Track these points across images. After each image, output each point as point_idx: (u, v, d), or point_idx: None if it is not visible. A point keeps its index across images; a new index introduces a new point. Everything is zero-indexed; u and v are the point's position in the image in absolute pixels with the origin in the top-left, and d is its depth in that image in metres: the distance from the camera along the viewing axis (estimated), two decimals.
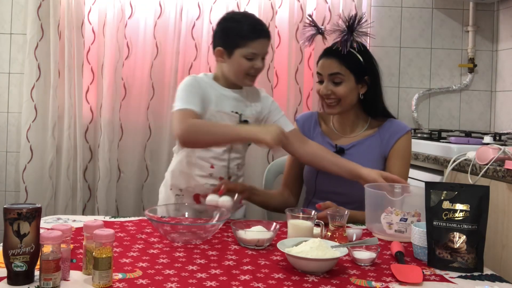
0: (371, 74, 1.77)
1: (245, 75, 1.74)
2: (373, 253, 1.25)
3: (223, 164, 1.78)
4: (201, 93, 1.71)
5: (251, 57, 1.71)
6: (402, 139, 1.77)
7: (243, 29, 1.72)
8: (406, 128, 1.80)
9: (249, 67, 1.72)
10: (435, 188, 1.29)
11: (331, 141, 1.82)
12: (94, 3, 2.76)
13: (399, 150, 1.77)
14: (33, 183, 2.72)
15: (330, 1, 2.78)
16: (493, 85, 2.95)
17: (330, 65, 1.73)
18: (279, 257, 1.28)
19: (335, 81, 1.73)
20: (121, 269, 1.14)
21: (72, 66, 2.71)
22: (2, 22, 2.81)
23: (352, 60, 1.73)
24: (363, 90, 1.77)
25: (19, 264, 1.03)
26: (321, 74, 1.76)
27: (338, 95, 1.73)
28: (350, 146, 1.79)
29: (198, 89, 1.72)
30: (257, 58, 1.72)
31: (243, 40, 1.70)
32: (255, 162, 2.74)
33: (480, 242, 1.24)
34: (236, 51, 1.71)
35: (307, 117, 1.93)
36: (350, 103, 1.77)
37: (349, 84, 1.73)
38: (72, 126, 2.72)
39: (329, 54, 1.75)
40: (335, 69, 1.72)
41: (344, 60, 1.72)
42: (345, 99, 1.74)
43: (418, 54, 2.94)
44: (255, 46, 1.71)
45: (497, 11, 2.92)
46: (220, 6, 2.76)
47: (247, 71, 1.72)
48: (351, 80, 1.73)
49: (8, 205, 1.04)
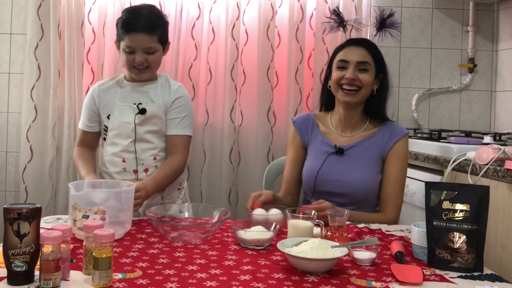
0: (384, 73, 1.82)
1: (130, 67, 1.86)
2: (373, 253, 1.25)
3: (133, 156, 1.88)
4: (94, 104, 1.92)
5: (129, 51, 1.82)
6: (400, 142, 1.78)
7: (120, 21, 1.84)
8: (404, 131, 1.81)
9: (131, 60, 1.83)
10: (435, 188, 1.29)
11: (330, 142, 1.82)
12: (94, 3, 2.76)
13: (397, 153, 1.78)
14: (33, 183, 2.72)
15: (330, 1, 2.78)
16: (493, 85, 2.95)
17: (359, 53, 1.76)
18: (279, 257, 1.28)
19: (362, 68, 1.75)
20: (121, 269, 1.14)
21: (72, 66, 2.71)
22: (2, 22, 2.81)
23: (377, 53, 1.80)
24: (376, 86, 1.80)
25: (19, 264, 1.03)
26: (347, 61, 1.76)
27: (363, 82, 1.75)
28: (350, 147, 1.79)
29: (91, 103, 1.93)
30: (136, 52, 1.81)
31: (122, 33, 1.82)
32: (255, 162, 2.75)
33: (480, 242, 1.24)
34: (121, 44, 1.85)
35: (304, 119, 1.93)
36: (367, 94, 1.79)
37: (372, 75, 1.77)
38: (72, 126, 2.72)
39: (357, 43, 1.80)
40: (364, 58, 1.76)
41: (372, 51, 1.78)
42: (366, 88, 1.77)
43: (418, 54, 2.94)
44: (129, 39, 1.80)
45: (497, 11, 2.92)
46: (220, 6, 2.76)
47: (129, 63, 1.84)
48: (372, 72, 1.78)
49: (8, 205, 1.04)
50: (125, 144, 1.88)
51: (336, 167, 1.77)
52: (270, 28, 2.74)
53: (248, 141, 2.80)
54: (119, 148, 1.88)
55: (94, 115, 1.93)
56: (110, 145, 1.90)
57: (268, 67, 2.74)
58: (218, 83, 2.76)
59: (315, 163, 1.81)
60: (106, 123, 1.91)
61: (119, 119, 1.88)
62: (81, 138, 1.97)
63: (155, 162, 1.91)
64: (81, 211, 1.35)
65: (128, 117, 1.87)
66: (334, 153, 1.79)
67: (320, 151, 1.83)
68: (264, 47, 2.73)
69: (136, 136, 1.88)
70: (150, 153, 1.90)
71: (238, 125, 2.80)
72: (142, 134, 1.88)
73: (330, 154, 1.80)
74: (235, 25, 2.73)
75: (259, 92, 2.75)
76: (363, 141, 1.79)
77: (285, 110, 2.79)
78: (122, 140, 1.88)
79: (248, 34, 2.79)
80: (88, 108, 1.94)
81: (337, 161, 1.78)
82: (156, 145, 1.91)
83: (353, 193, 1.72)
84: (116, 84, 1.94)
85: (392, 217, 1.75)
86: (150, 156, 1.90)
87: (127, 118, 1.88)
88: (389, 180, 1.76)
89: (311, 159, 1.85)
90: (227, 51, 2.73)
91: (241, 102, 2.80)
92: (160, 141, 1.93)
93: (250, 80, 2.79)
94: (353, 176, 1.74)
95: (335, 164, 1.78)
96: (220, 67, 2.76)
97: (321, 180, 1.78)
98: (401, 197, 1.78)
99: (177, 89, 1.95)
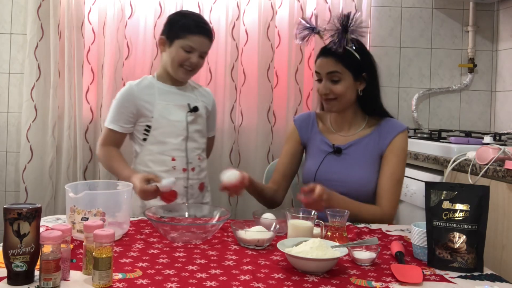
0: (368, 71, 1.77)
1: (179, 66, 1.87)
2: (373, 253, 1.25)
3: (183, 155, 1.88)
4: (133, 104, 1.87)
5: (188, 50, 1.84)
6: (398, 137, 1.77)
7: (186, 22, 1.86)
8: (403, 126, 1.80)
9: (184, 59, 1.85)
10: (435, 188, 1.29)
11: (328, 141, 1.83)
12: (94, 3, 2.76)
13: (395, 148, 1.76)
14: (33, 183, 2.72)
15: (330, 1, 2.78)
16: (493, 85, 2.95)
17: (327, 63, 1.73)
18: (279, 257, 1.28)
19: (333, 79, 1.73)
20: (121, 269, 1.14)
21: (72, 66, 2.71)
22: (2, 22, 2.81)
23: (349, 57, 1.73)
24: (362, 87, 1.77)
25: (19, 264, 1.03)
26: (319, 73, 1.76)
27: (336, 93, 1.73)
28: (348, 146, 1.79)
29: (129, 102, 1.88)
30: (194, 53, 1.85)
31: (184, 32, 1.83)
32: (255, 162, 2.75)
33: (480, 242, 1.24)
34: (176, 42, 1.85)
35: (305, 118, 1.93)
36: (349, 100, 1.77)
37: (347, 82, 1.74)
38: (72, 126, 2.72)
39: (326, 53, 1.75)
40: (332, 68, 1.72)
41: (341, 58, 1.72)
42: (344, 97, 1.75)
43: (418, 54, 2.94)
44: (193, 40, 1.84)
45: (497, 11, 2.92)
46: (220, 6, 2.76)
47: (181, 62, 1.85)
48: (348, 78, 1.74)
49: (8, 205, 1.04)
50: (176, 142, 1.87)
51: (334, 167, 1.77)
52: (270, 28, 2.74)
53: (248, 141, 2.80)
54: (169, 147, 1.87)
55: (131, 116, 1.88)
56: (156, 144, 1.87)
57: (268, 67, 2.74)
58: (218, 83, 2.76)
59: (313, 163, 1.81)
60: (146, 122, 1.88)
61: (166, 118, 1.86)
62: (112, 138, 1.91)
63: (199, 162, 1.93)
64: (80, 214, 1.34)
65: (177, 115, 1.87)
66: (332, 153, 1.79)
67: (319, 150, 1.83)
68: (264, 47, 2.74)
69: (187, 135, 1.88)
70: (196, 153, 1.92)
71: (238, 125, 2.80)
72: (192, 133, 1.90)
73: (328, 154, 1.80)
74: (235, 25, 2.73)
75: (259, 92, 2.75)
76: (361, 140, 1.79)
77: (285, 110, 2.79)
78: (172, 139, 1.87)
79: (248, 34, 2.79)
80: (125, 109, 1.88)
81: (335, 160, 1.79)
82: (200, 145, 1.95)
83: (352, 192, 1.72)
84: (151, 85, 1.91)
85: (387, 211, 1.71)
86: (196, 155, 1.92)
87: (177, 116, 1.87)
88: (385, 174, 1.74)
89: (310, 159, 1.85)
90: (227, 51, 2.73)
91: (241, 102, 2.80)
92: (203, 141, 1.97)
93: (250, 80, 2.79)
94: (351, 175, 1.74)
95: (333, 164, 1.78)
96: (220, 67, 2.76)
97: (320, 179, 1.77)
98: (398, 192, 1.75)
99: (210, 92, 2.08)
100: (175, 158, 1.87)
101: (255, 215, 1.52)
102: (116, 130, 1.89)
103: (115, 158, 1.89)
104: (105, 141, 1.92)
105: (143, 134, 1.90)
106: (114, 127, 1.89)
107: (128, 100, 1.88)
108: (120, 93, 1.92)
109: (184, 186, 1.89)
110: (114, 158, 1.89)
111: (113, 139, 1.92)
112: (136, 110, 1.88)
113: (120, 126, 1.89)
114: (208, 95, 2.05)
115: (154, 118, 1.86)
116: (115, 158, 1.89)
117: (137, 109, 1.88)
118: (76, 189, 1.41)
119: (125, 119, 1.89)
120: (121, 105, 1.89)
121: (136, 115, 1.88)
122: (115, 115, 1.90)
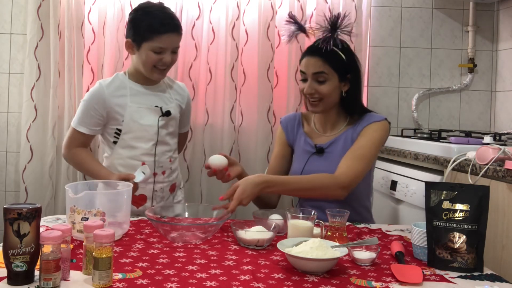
0: (353, 72, 1.77)
1: (152, 68, 1.80)
2: (373, 253, 1.25)
3: (153, 159, 1.85)
4: (103, 107, 1.81)
5: (159, 51, 1.77)
6: (372, 124, 1.74)
7: (150, 22, 1.76)
8: (380, 117, 1.78)
9: (157, 60, 1.78)
10: (435, 188, 1.29)
11: (311, 141, 1.83)
12: (94, 3, 2.76)
13: (366, 131, 1.73)
14: (33, 183, 2.72)
15: (330, 1, 2.78)
16: (493, 85, 2.95)
17: (314, 63, 1.72)
18: (279, 257, 1.28)
19: (319, 79, 1.72)
20: (121, 269, 1.14)
21: (72, 66, 2.71)
22: (2, 22, 2.80)
23: (336, 58, 1.72)
24: (346, 88, 1.77)
25: (19, 264, 1.03)
26: (305, 72, 1.75)
27: (322, 93, 1.73)
28: (329, 144, 1.79)
29: (99, 105, 1.81)
30: (165, 52, 1.78)
31: (150, 34, 1.75)
32: (255, 162, 2.75)
33: (480, 242, 1.24)
34: (144, 44, 1.77)
35: (291, 119, 1.94)
36: (333, 101, 1.77)
37: (333, 83, 1.73)
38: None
39: (313, 53, 1.74)
40: (319, 68, 1.71)
41: (328, 59, 1.71)
42: (328, 98, 1.74)
43: (418, 54, 2.93)
44: (162, 40, 1.76)
45: (497, 11, 2.92)
46: (220, 6, 2.76)
47: (154, 64, 1.79)
48: (334, 79, 1.73)
49: (8, 205, 1.04)
50: (146, 147, 1.83)
51: (318, 167, 1.76)
52: (270, 28, 2.74)
53: (248, 141, 2.80)
54: (139, 152, 1.83)
55: (100, 118, 1.84)
56: (125, 148, 1.84)
57: (268, 67, 2.74)
58: (218, 83, 2.76)
59: (298, 164, 1.82)
60: (117, 126, 1.84)
61: (138, 122, 1.82)
62: (80, 140, 1.87)
63: (170, 164, 1.90)
64: (80, 214, 1.34)
65: (149, 119, 1.83)
66: (315, 153, 1.79)
67: (303, 151, 1.84)
68: (264, 47, 2.73)
69: (158, 139, 1.85)
70: (167, 156, 1.89)
71: (238, 125, 2.80)
72: (163, 137, 1.86)
73: (311, 155, 1.80)
74: (235, 25, 2.73)
75: (259, 92, 2.74)
76: (340, 136, 1.79)
77: (285, 110, 2.79)
78: (142, 144, 1.83)
79: (248, 34, 2.79)
80: (95, 111, 1.83)
81: (318, 160, 1.79)
82: (172, 146, 1.92)
83: None
84: (123, 85, 1.86)
85: (340, 179, 1.62)
86: (167, 158, 1.89)
87: (148, 120, 1.83)
88: (349, 150, 1.70)
89: (295, 161, 1.86)
90: (227, 51, 2.73)
91: (241, 102, 2.80)
92: (174, 142, 1.94)
93: (250, 80, 2.79)
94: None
95: (317, 164, 1.78)
96: (220, 67, 2.76)
97: None
98: (359, 167, 1.66)
99: (184, 88, 2.02)
100: (145, 163, 1.82)
101: (255, 215, 1.52)
102: (84, 132, 1.85)
103: (87, 159, 1.85)
104: (72, 143, 1.87)
105: (113, 136, 1.86)
106: (82, 129, 1.84)
107: (98, 103, 1.82)
108: (90, 94, 1.85)
109: (155, 190, 1.87)
110: (86, 159, 1.85)
111: (81, 141, 1.87)
112: (106, 113, 1.83)
113: (88, 129, 1.85)
114: (183, 91, 2.00)
115: (124, 122, 1.82)
116: (87, 159, 1.86)
117: (107, 112, 1.83)
118: (76, 189, 1.41)
119: (94, 122, 1.84)
120: (90, 107, 1.83)
121: (106, 118, 1.84)
122: (84, 116, 1.84)
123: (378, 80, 2.91)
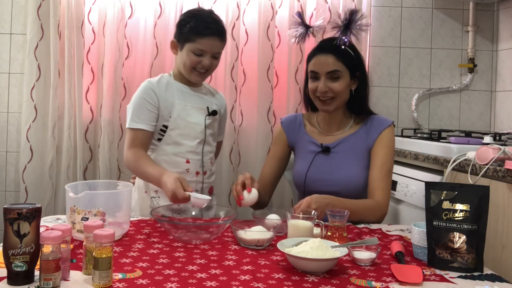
0: (361, 70, 1.78)
1: (191, 70, 1.81)
2: (373, 253, 1.25)
3: (198, 158, 1.84)
4: (157, 100, 1.79)
5: (199, 53, 1.78)
6: (386, 131, 1.78)
7: (194, 24, 1.78)
8: (389, 121, 1.81)
9: (196, 63, 1.79)
10: (435, 188, 1.29)
11: (316, 141, 1.82)
12: (94, 3, 2.76)
13: (384, 141, 1.77)
14: (33, 183, 2.72)
15: (330, 1, 2.78)
16: (493, 85, 2.95)
17: (327, 62, 1.72)
18: (279, 257, 1.28)
19: (333, 77, 1.72)
20: (121, 269, 1.14)
21: (72, 66, 2.71)
22: (2, 22, 2.81)
23: (347, 55, 1.73)
24: (354, 86, 1.78)
25: (19, 264, 1.03)
26: (317, 71, 1.73)
27: (336, 91, 1.73)
28: (336, 144, 1.79)
29: (152, 98, 1.79)
30: (205, 55, 1.79)
31: (193, 35, 1.77)
32: (255, 162, 2.75)
33: (480, 242, 1.24)
34: (186, 45, 1.79)
35: (292, 119, 1.93)
36: (345, 99, 1.77)
37: (345, 80, 1.73)
38: (72, 126, 2.72)
39: (324, 51, 1.73)
40: (333, 66, 1.71)
41: (340, 56, 1.71)
42: (341, 95, 1.75)
43: (418, 54, 2.94)
44: (203, 43, 1.77)
45: (497, 11, 2.92)
46: (220, 6, 2.76)
47: (193, 65, 1.80)
48: (346, 76, 1.74)
49: (8, 205, 1.04)
50: (192, 145, 1.82)
51: (324, 166, 1.77)
52: (270, 28, 2.74)
53: (248, 141, 2.80)
54: (184, 149, 1.81)
55: (156, 112, 1.79)
56: (171, 144, 1.81)
57: (268, 67, 2.74)
58: (218, 83, 2.76)
59: (303, 164, 1.81)
60: (163, 122, 1.81)
61: (185, 119, 1.81)
62: (140, 139, 1.77)
63: (211, 165, 1.90)
64: (80, 214, 1.34)
65: (196, 117, 1.83)
66: (321, 152, 1.79)
67: (307, 151, 1.83)
68: (264, 47, 2.74)
69: (205, 138, 1.85)
70: (209, 156, 1.89)
71: (238, 125, 2.80)
72: (208, 136, 1.86)
73: (317, 154, 1.80)
74: (235, 25, 2.73)
75: (259, 92, 2.75)
76: (349, 137, 1.80)
77: (285, 110, 2.79)
78: (188, 141, 1.82)
79: (248, 34, 2.79)
80: (149, 105, 1.78)
81: (324, 160, 1.78)
82: (213, 148, 1.93)
83: (343, 190, 1.70)
84: (169, 84, 1.85)
85: (381, 201, 1.70)
86: (209, 159, 1.89)
87: (195, 118, 1.83)
88: (376, 165, 1.74)
89: (299, 161, 1.85)
90: (227, 51, 2.73)
91: (241, 102, 2.80)
92: (215, 145, 1.95)
93: (250, 80, 2.79)
94: (341, 174, 1.74)
95: (323, 163, 1.78)
96: (220, 67, 2.76)
97: (311, 180, 1.77)
98: (389, 183, 1.75)
99: (223, 97, 2.04)
100: (190, 161, 1.82)
101: (255, 215, 1.52)
102: (143, 129, 1.77)
103: (143, 158, 1.75)
104: (135, 143, 1.77)
105: (158, 134, 1.83)
106: (141, 126, 1.77)
107: (151, 97, 1.79)
108: (141, 90, 1.81)
109: (196, 190, 1.83)
110: (142, 158, 1.75)
111: (141, 140, 1.78)
112: (159, 106, 1.80)
113: (147, 125, 1.77)
114: (222, 99, 2.02)
115: (172, 118, 1.80)
116: (143, 158, 1.75)
117: (159, 105, 1.80)
118: (76, 189, 1.41)
119: (152, 117, 1.79)
120: (145, 103, 1.78)
121: (158, 113, 1.80)
122: (139, 113, 1.78)
123: (378, 80, 2.91)
